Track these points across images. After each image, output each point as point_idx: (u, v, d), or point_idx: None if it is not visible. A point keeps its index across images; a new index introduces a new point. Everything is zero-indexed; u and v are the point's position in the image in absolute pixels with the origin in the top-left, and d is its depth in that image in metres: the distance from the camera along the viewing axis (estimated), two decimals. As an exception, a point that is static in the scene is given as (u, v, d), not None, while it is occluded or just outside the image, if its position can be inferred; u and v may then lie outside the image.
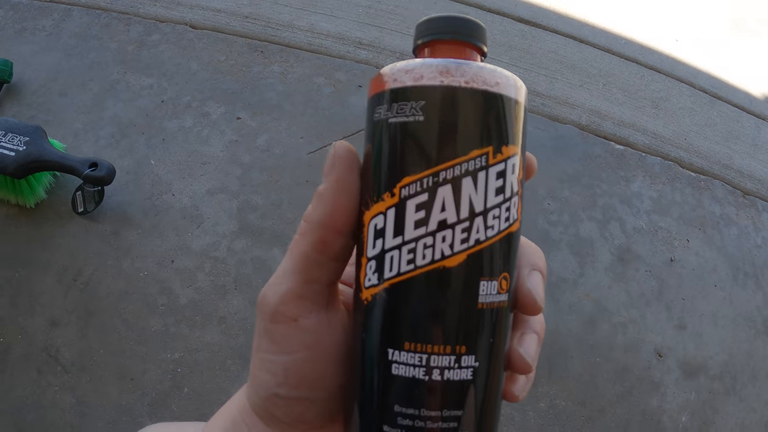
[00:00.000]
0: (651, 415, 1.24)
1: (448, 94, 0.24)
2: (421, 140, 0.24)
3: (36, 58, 1.45)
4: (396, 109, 0.25)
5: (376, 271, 0.25)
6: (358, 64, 1.58)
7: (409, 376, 0.24)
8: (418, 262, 0.24)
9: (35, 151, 1.16)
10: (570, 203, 1.46)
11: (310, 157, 1.39)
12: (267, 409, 0.28)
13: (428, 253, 0.24)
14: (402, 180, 0.24)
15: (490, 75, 0.25)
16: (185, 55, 1.51)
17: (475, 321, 0.25)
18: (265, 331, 0.27)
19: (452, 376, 0.24)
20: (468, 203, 0.24)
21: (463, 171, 0.24)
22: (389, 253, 0.24)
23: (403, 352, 0.24)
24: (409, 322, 0.24)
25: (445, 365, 0.24)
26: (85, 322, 1.14)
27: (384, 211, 0.25)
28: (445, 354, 0.24)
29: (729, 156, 1.72)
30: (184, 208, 1.28)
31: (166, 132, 1.37)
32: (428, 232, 0.24)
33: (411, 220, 0.24)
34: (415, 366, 0.24)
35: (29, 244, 1.20)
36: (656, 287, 1.40)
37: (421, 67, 0.25)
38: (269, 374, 0.27)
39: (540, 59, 1.76)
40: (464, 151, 0.24)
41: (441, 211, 0.24)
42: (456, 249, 0.24)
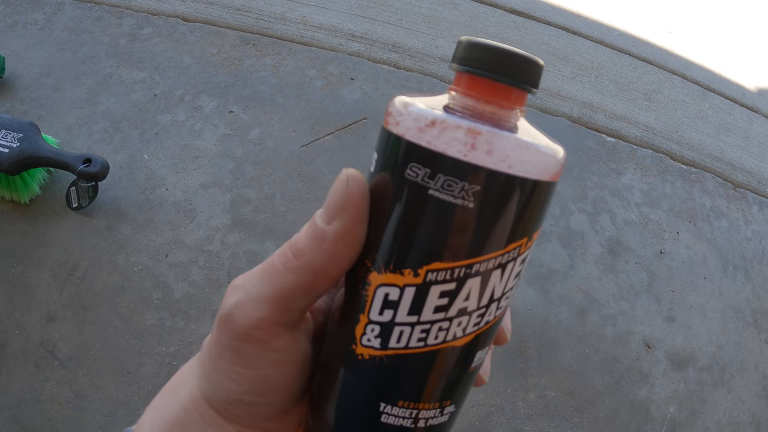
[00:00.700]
0: (639, 406, 1.26)
1: (507, 185, 0.22)
2: (462, 229, 0.22)
3: (28, 52, 1.44)
4: (442, 184, 0.21)
5: (380, 337, 0.24)
6: (350, 56, 1.58)
7: (397, 425, 0.25)
8: (429, 342, 0.23)
9: (29, 148, 1.16)
10: (561, 195, 1.47)
11: (303, 150, 1.39)
12: (226, 408, 0.27)
13: (441, 335, 0.23)
14: (431, 264, 0.22)
15: (547, 160, 0.22)
16: (177, 48, 1.50)
17: (465, 382, 0.26)
18: (231, 346, 0.26)
19: (434, 422, 0.25)
20: (491, 293, 0.23)
21: (495, 264, 0.22)
22: (399, 327, 0.23)
23: (396, 407, 0.24)
24: (407, 385, 0.24)
25: (431, 416, 0.25)
26: (82, 316, 1.15)
27: (401, 287, 0.23)
28: (432, 409, 0.25)
29: (720, 148, 1.73)
30: (178, 202, 1.29)
31: (159, 126, 1.38)
32: (446, 318, 0.23)
33: (431, 305, 0.23)
34: (405, 418, 0.24)
35: (24, 239, 1.21)
36: (646, 279, 1.41)
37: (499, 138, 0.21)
38: (234, 383, 0.26)
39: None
40: (503, 245, 0.22)
41: (464, 300, 0.23)
42: (468, 331, 0.23)
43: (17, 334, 1.13)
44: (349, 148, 1.41)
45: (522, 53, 0.23)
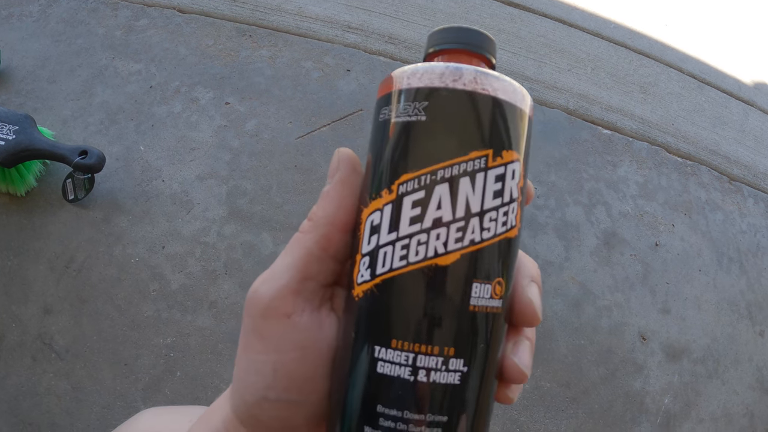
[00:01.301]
0: (634, 397, 1.27)
1: (449, 96, 0.25)
2: (421, 139, 0.25)
3: (23, 44, 1.43)
4: (400, 109, 0.25)
5: (369, 267, 0.25)
6: (347, 48, 1.57)
7: (394, 375, 0.23)
8: (410, 259, 0.24)
9: (25, 140, 1.16)
10: (556, 187, 1.47)
11: (299, 141, 1.39)
12: (254, 415, 0.27)
13: (421, 249, 0.24)
14: (401, 177, 0.25)
15: (493, 81, 0.25)
16: (173, 40, 1.50)
17: (466, 323, 0.24)
18: (255, 328, 0.27)
19: (439, 378, 0.23)
20: (464, 203, 0.24)
21: (461, 171, 0.24)
22: (383, 248, 0.24)
23: (390, 349, 0.23)
24: (398, 319, 0.24)
25: (432, 366, 0.23)
26: (78, 309, 1.16)
27: (381, 208, 0.25)
28: (432, 355, 0.23)
29: (716, 142, 1.73)
30: (174, 193, 1.29)
31: (155, 118, 1.37)
32: (423, 229, 0.24)
33: (407, 217, 0.24)
34: (401, 365, 0.23)
35: (21, 232, 1.21)
36: (641, 271, 1.42)
37: (426, 70, 0.25)
38: (258, 375, 0.26)
39: (529, 43, 1.76)
40: (463, 152, 0.24)
41: (437, 209, 0.24)
42: (450, 248, 0.24)
43: (14, 326, 1.13)
44: (346, 140, 1.41)
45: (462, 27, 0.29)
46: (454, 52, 0.28)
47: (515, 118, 0.26)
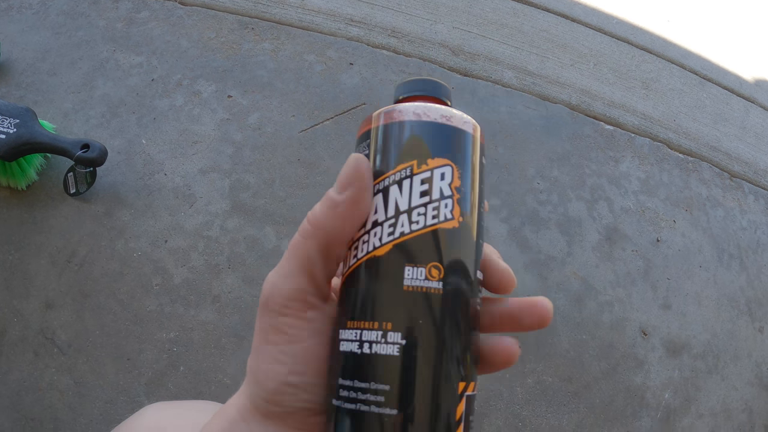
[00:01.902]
0: (635, 392, 1.28)
1: (380, 130, 0.31)
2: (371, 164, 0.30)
3: (23, 37, 1.42)
4: (359, 149, 0.32)
5: (345, 267, 0.30)
6: (350, 41, 1.56)
7: (348, 351, 0.27)
8: (358, 256, 0.29)
9: (26, 134, 1.15)
10: (559, 182, 1.47)
11: (302, 135, 1.39)
12: (273, 401, 0.29)
13: (364, 247, 0.28)
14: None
15: (419, 110, 0.31)
16: (175, 32, 1.48)
17: (400, 300, 0.27)
18: (272, 326, 0.29)
19: (379, 350, 0.26)
20: (394, 204, 0.29)
21: (390, 181, 0.29)
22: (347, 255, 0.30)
23: (346, 330, 0.28)
24: (351, 303, 0.28)
25: (373, 339, 0.27)
26: (81, 303, 1.15)
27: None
28: (373, 329, 0.27)
29: (717, 138, 1.74)
30: (177, 187, 1.28)
31: (157, 111, 1.36)
32: (365, 231, 0.29)
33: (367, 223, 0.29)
34: (353, 341, 0.27)
35: (22, 226, 1.20)
36: (642, 267, 1.42)
37: (365, 119, 0.32)
38: (279, 364, 0.28)
39: (531, 38, 1.76)
40: (392, 167, 0.29)
41: (374, 214, 0.29)
42: (383, 241, 0.28)
43: (16, 321, 1.13)
44: (349, 134, 1.40)
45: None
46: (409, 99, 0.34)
47: (436, 131, 0.30)
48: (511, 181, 1.44)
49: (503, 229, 1.37)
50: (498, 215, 1.39)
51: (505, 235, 1.37)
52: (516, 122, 1.55)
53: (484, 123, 1.52)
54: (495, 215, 1.39)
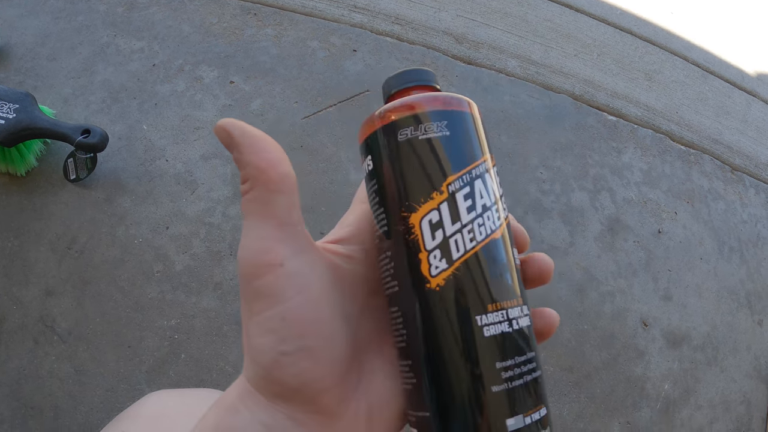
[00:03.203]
0: (635, 382, 1.28)
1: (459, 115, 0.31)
2: (454, 148, 0.30)
3: (22, 21, 1.40)
4: (424, 129, 0.30)
5: (443, 257, 0.28)
6: (353, 28, 1.55)
7: (499, 333, 0.27)
8: (478, 238, 0.29)
9: (26, 119, 1.13)
10: (562, 172, 1.47)
11: (305, 122, 1.38)
12: (272, 378, 0.27)
13: (482, 230, 0.29)
14: (447, 179, 0.29)
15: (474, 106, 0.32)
16: (176, 17, 1.47)
17: (519, 276, 0.30)
18: (254, 292, 0.27)
19: (523, 323, 0.29)
20: (492, 192, 0.30)
21: (482, 170, 0.30)
22: (453, 237, 0.29)
23: (489, 314, 0.28)
24: (485, 287, 0.28)
25: (517, 315, 0.28)
26: (81, 290, 1.14)
27: (437, 207, 0.29)
28: (515, 306, 0.28)
29: (719, 131, 1.74)
30: (178, 173, 1.27)
31: (159, 96, 1.35)
32: (478, 215, 0.29)
33: (464, 208, 0.29)
34: (501, 322, 0.28)
35: (21, 213, 1.19)
36: (644, 258, 1.42)
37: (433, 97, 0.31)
38: (269, 333, 0.26)
39: (535, 27, 1.75)
40: (479, 157, 0.31)
41: (481, 198, 0.29)
42: (497, 224, 0.30)
43: (15, 309, 1.12)
44: (352, 120, 1.39)
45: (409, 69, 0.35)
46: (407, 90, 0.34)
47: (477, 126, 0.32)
48: (514, 171, 1.44)
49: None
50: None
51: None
52: (519, 111, 1.54)
53: (487, 112, 1.51)
54: (498, 205, 1.38)
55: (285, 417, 0.27)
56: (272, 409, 0.27)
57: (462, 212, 0.29)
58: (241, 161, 0.27)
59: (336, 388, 0.28)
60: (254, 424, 0.27)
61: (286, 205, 0.27)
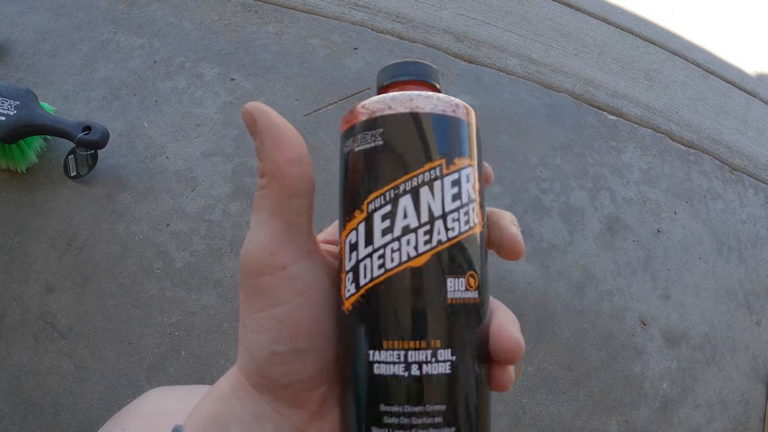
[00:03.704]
0: (633, 381, 1.29)
1: (398, 119, 0.27)
2: (381, 160, 0.27)
3: (22, 17, 1.39)
4: (360, 140, 0.28)
5: (354, 281, 0.26)
6: (354, 26, 1.55)
7: (390, 374, 0.25)
8: (387, 266, 0.26)
9: (26, 115, 1.13)
10: (562, 171, 1.47)
11: (306, 119, 1.38)
12: (263, 373, 0.27)
13: (396, 256, 0.26)
14: (368, 197, 0.27)
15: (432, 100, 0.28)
16: (177, 14, 1.46)
17: (447, 315, 0.26)
18: (254, 289, 0.27)
19: (431, 370, 0.25)
20: (427, 209, 0.26)
21: (419, 182, 0.26)
22: (363, 262, 0.26)
23: (382, 351, 0.25)
24: (385, 321, 0.25)
25: (423, 360, 0.25)
26: (81, 287, 1.14)
27: (356, 227, 0.27)
28: (421, 349, 0.25)
29: (719, 131, 1.74)
30: (179, 170, 1.27)
31: (159, 93, 1.35)
32: (394, 238, 0.26)
33: (378, 230, 0.26)
34: (395, 363, 0.25)
35: (21, 209, 1.18)
36: (643, 257, 1.43)
37: (375, 101, 0.28)
38: (265, 332, 0.27)
39: (536, 26, 1.75)
40: (419, 165, 0.27)
41: (404, 218, 0.26)
42: (420, 250, 0.26)
43: (15, 305, 1.12)
44: (353, 120, 1.39)
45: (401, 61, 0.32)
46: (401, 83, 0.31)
47: (463, 129, 0.28)
48: (514, 169, 1.44)
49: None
50: (501, 203, 1.39)
51: (508, 224, 1.37)
52: (520, 110, 1.54)
53: (487, 110, 1.51)
54: (498, 203, 1.38)
55: (271, 409, 0.28)
56: (261, 401, 0.28)
57: (376, 234, 0.26)
58: (262, 153, 0.27)
59: (322, 388, 0.29)
60: (244, 413, 0.28)
61: (300, 208, 0.27)
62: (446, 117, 0.28)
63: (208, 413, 0.28)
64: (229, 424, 0.27)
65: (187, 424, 0.28)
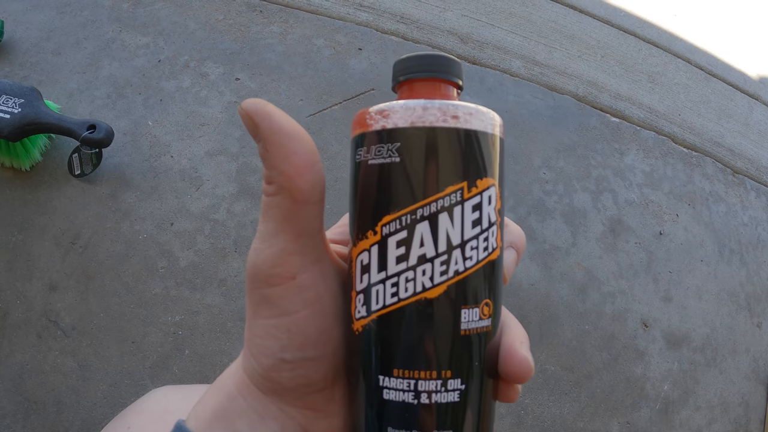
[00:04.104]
0: (635, 383, 1.29)
1: (418, 135, 0.25)
2: (397, 180, 0.25)
3: (26, 15, 1.39)
4: (374, 152, 0.26)
5: (365, 304, 0.26)
6: (358, 26, 1.55)
7: (400, 401, 0.25)
8: (401, 295, 0.25)
9: (31, 114, 1.13)
10: (565, 173, 1.47)
11: (310, 119, 1.38)
12: (269, 377, 0.27)
13: (410, 286, 0.25)
14: (382, 219, 0.26)
15: (461, 111, 0.26)
16: (182, 13, 1.46)
17: (459, 347, 0.25)
18: (262, 298, 0.26)
19: (440, 399, 0.25)
20: (445, 237, 0.25)
21: (439, 207, 0.25)
22: (375, 287, 0.26)
23: (393, 378, 0.25)
24: (397, 350, 0.25)
25: (432, 389, 0.25)
26: (85, 285, 1.14)
27: (368, 248, 0.26)
28: (431, 379, 0.25)
29: (721, 134, 1.74)
30: (183, 170, 1.27)
31: (164, 92, 1.35)
32: (409, 267, 0.25)
33: (393, 256, 0.25)
34: (404, 391, 0.25)
35: (25, 207, 1.18)
36: (645, 259, 1.43)
37: (394, 109, 0.26)
38: (272, 339, 0.26)
39: (540, 28, 1.75)
40: (439, 189, 0.25)
41: (420, 247, 0.25)
42: (436, 281, 0.25)
43: (18, 303, 1.12)
44: (357, 121, 1.39)
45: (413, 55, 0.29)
46: (422, 80, 0.29)
47: (487, 144, 0.26)
48: (517, 171, 1.44)
49: (509, 218, 1.37)
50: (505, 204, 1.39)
51: (511, 225, 1.37)
52: (523, 112, 1.55)
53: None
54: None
55: (277, 409, 0.28)
56: (266, 401, 0.28)
57: (390, 261, 0.25)
58: (267, 161, 0.25)
59: (329, 390, 0.28)
60: (249, 411, 0.27)
61: (309, 216, 0.26)
62: (470, 133, 0.26)
63: (213, 410, 0.28)
64: (234, 420, 0.27)
65: (191, 419, 0.28)
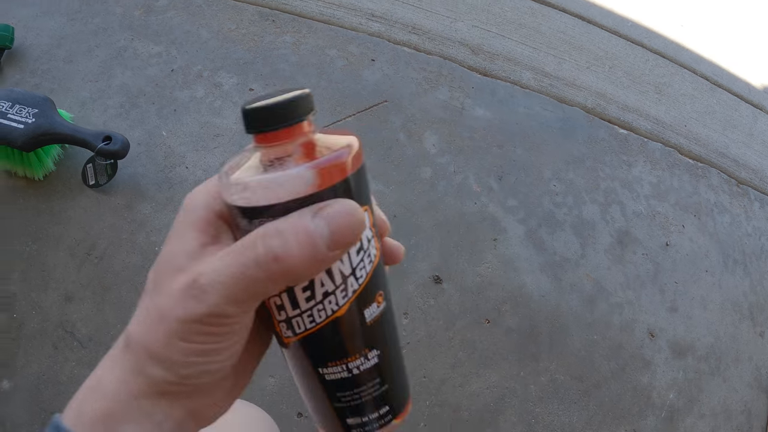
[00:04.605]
0: (642, 392, 1.31)
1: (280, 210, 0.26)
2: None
3: (37, 22, 1.38)
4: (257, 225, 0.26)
5: (289, 329, 0.30)
6: (371, 37, 1.55)
7: (339, 378, 0.31)
8: (317, 320, 0.29)
9: (45, 124, 1.12)
10: (574, 185, 1.49)
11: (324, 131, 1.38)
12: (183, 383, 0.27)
13: (322, 313, 0.29)
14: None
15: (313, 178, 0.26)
16: (194, 22, 1.46)
17: (369, 333, 0.31)
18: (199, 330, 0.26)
19: (365, 366, 0.31)
20: (339, 273, 0.28)
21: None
22: (293, 319, 0.29)
23: (329, 367, 0.31)
24: (326, 352, 0.31)
25: (359, 364, 0.31)
26: (101, 296, 1.14)
27: (278, 294, 0.28)
28: (356, 359, 0.31)
29: (726, 145, 1.76)
30: (199, 181, 1.26)
31: (178, 102, 1.34)
32: (318, 302, 0.29)
33: (302, 299, 0.28)
34: (340, 372, 0.31)
35: (39, 216, 1.18)
36: (652, 270, 1.45)
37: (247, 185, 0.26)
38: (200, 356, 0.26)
39: (549, 39, 1.76)
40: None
41: (321, 287, 0.28)
42: (340, 303, 0.29)
43: (34, 314, 1.11)
44: (370, 131, 1.40)
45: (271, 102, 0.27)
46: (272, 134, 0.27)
47: (347, 187, 0.27)
48: (528, 183, 1.46)
49: (520, 231, 1.39)
50: (515, 216, 1.40)
51: (522, 236, 1.38)
52: (533, 124, 1.56)
53: (503, 124, 1.53)
54: (512, 216, 1.40)
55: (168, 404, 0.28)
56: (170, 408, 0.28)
57: (300, 302, 0.28)
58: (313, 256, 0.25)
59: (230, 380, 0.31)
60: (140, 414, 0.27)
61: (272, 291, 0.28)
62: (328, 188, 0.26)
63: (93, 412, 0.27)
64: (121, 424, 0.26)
65: (66, 417, 0.27)
